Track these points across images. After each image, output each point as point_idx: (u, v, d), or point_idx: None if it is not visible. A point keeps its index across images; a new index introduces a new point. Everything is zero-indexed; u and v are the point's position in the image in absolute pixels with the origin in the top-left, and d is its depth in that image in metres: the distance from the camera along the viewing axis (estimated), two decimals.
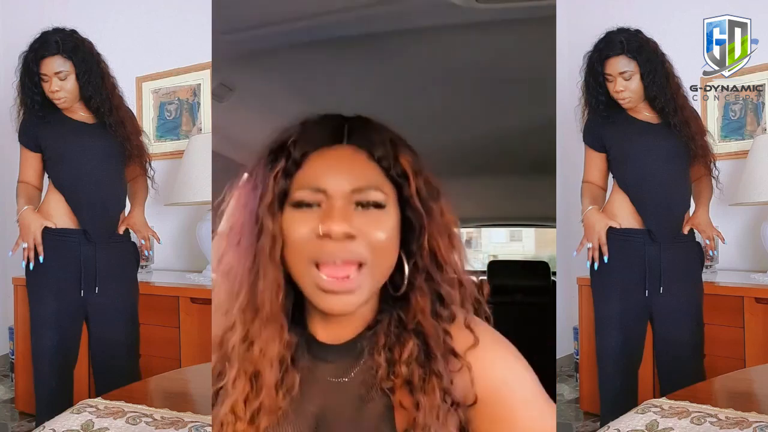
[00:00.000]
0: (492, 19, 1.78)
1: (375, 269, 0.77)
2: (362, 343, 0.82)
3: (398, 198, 0.81)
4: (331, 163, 0.79)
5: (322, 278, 0.76)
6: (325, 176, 0.78)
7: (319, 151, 0.81)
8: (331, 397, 0.82)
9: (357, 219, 0.77)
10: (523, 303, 3.19)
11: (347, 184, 0.77)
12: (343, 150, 0.81)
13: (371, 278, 0.77)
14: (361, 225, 0.76)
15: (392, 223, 0.79)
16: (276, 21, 1.85)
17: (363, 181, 0.78)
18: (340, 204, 0.76)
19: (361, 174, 0.79)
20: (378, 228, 0.77)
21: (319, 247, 0.76)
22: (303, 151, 0.80)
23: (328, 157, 0.80)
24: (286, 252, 0.78)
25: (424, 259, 0.81)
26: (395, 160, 0.81)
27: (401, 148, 0.82)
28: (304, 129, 0.83)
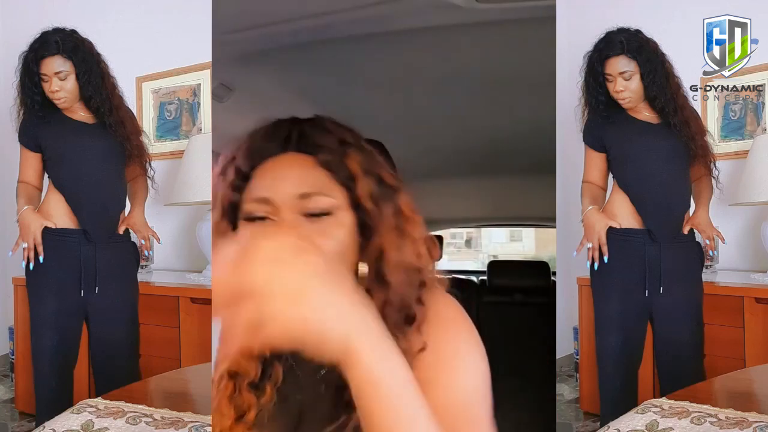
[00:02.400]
0: (492, 19, 1.78)
1: None
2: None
3: (352, 202, 0.79)
4: (276, 172, 0.78)
5: None
6: (270, 185, 0.77)
7: (266, 161, 0.80)
8: (311, 392, 0.81)
9: (305, 228, 0.75)
10: (523, 303, 3.19)
11: (292, 190, 0.76)
12: (288, 158, 0.80)
13: None
14: (309, 234, 0.75)
15: (345, 230, 0.77)
16: (276, 21, 1.85)
17: (307, 186, 0.77)
18: (285, 216, 0.76)
19: (306, 180, 0.77)
20: (327, 237, 0.76)
21: None
22: (251, 163, 0.80)
23: (273, 167, 0.79)
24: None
25: (375, 261, 0.78)
26: (341, 163, 0.79)
27: (350, 149, 0.80)
28: (251, 139, 0.82)
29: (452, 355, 0.78)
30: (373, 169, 0.81)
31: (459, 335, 0.81)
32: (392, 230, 0.80)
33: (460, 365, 0.78)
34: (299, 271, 0.55)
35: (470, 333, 0.82)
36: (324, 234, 0.76)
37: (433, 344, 0.78)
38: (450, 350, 0.79)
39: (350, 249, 0.77)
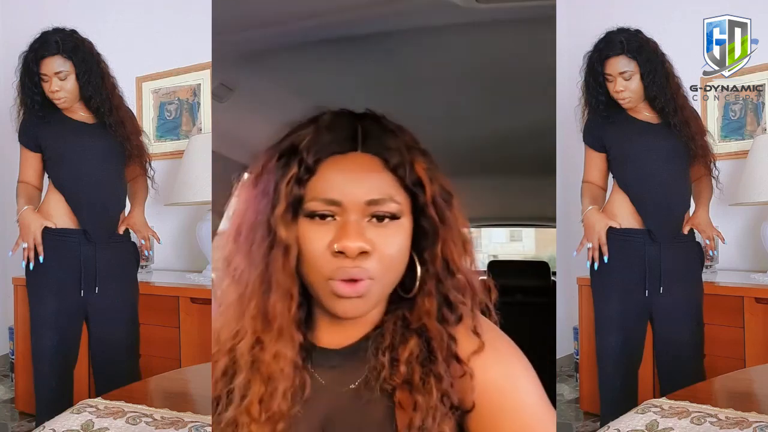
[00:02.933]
0: (492, 19, 1.78)
1: (384, 281, 0.78)
2: (367, 344, 0.81)
3: (413, 205, 0.80)
4: (346, 173, 0.78)
5: (337, 288, 0.76)
6: (340, 187, 0.77)
7: (332, 158, 0.79)
8: (337, 404, 0.81)
9: (370, 232, 0.76)
10: (523, 303, 3.19)
11: (362, 195, 0.76)
12: (357, 158, 0.79)
13: (380, 288, 0.78)
14: (374, 238, 0.76)
15: (405, 235, 0.79)
16: (276, 21, 1.85)
17: (378, 192, 0.77)
18: (354, 218, 0.76)
19: (376, 185, 0.77)
20: (391, 243, 0.77)
21: (334, 263, 0.76)
22: (316, 157, 0.78)
23: (342, 166, 0.78)
24: (302, 263, 0.78)
25: (436, 265, 0.81)
26: (411, 168, 0.79)
27: (416, 154, 0.81)
28: (317, 132, 0.80)
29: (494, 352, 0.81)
30: (436, 175, 0.82)
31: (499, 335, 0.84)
32: (455, 237, 0.82)
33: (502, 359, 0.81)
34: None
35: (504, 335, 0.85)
36: (390, 240, 0.77)
37: (502, 369, 0.81)
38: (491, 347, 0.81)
39: (405, 254, 0.79)
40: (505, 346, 0.83)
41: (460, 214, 0.83)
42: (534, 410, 0.79)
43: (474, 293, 0.84)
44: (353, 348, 0.82)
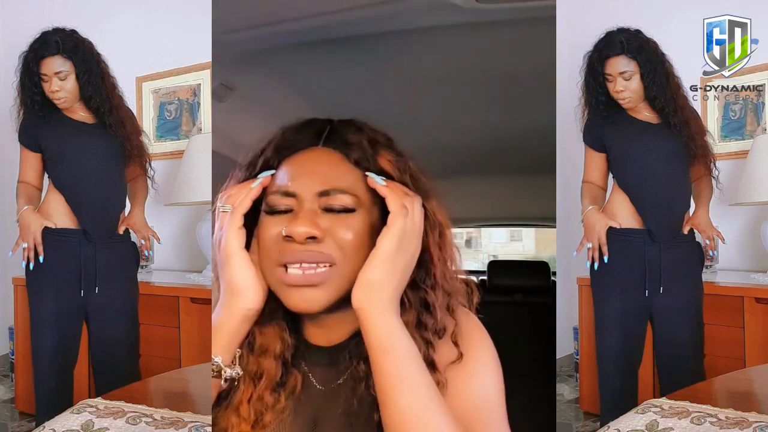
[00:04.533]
0: (492, 19, 1.78)
1: (346, 268, 0.75)
2: (347, 351, 0.81)
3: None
4: (303, 166, 0.79)
5: (288, 275, 0.75)
6: (295, 179, 0.77)
7: (294, 155, 0.80)
8: (324, 403, 0.81)
9: (324, 221, 0.76)
10: (523, 303, 3.19)
11: (315, 186, 0.77)
12: (316, 152, 0.80)
13: (341, 277, 0.75)
14: (328, 226, 0.75)
15: (363, 225, 0.77)
16: (276, 21, 1.85)
17: (329, 184, 0.77)
18: (307, 207, 0.76)
19: (331, 176, 0.78)
20: (346, 228, 0.76)
21: (284, 248, 0.75)
22: (280, 155, 0.80)
23: (301, 161, 0.79)
24: (260, 256, 0.78)
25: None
26: (373, 161, 0.79)
27: (381, 149, 0.81)
28: (282, 135, 0.82)
29: (473, 363, 0.80)
30: (408, 170, 0.81)
31: (480, 344, 0.82)
32: (432, 235, 0.80)
33: (480, 371, 0.80)
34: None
35: (487, 342, 0.83)
36: (344, 226, 0.76)
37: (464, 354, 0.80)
38: (471, 358, 0.80)
39: (367, 244, 0.77)
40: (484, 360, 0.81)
41: (439, 211, 0.82)
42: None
43: (456, 295, 0.83)
44: (342, 345, 0.82)
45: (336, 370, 0.82)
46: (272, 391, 0.80)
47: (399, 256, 0.74)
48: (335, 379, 0.82)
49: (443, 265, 0.81)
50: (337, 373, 0.82)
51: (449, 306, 0.82)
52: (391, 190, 0.77)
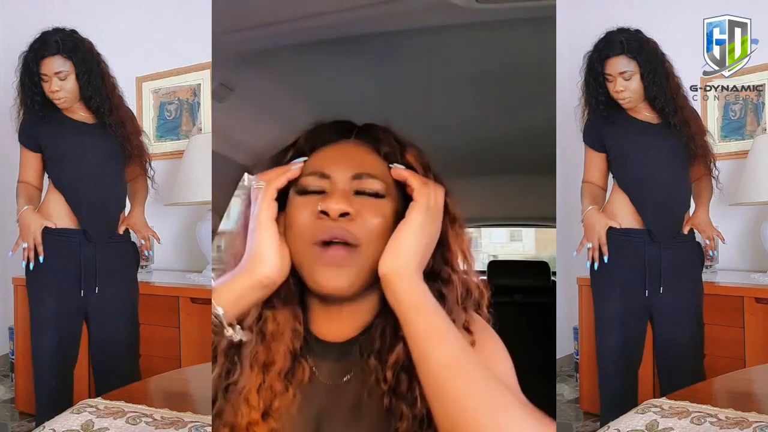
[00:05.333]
0: (492, 19, 1.78)
1: (370, 253, 0.78)
2: (356, 346, 0.82)
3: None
4: (337, 153, 0.83)
5: (316, 253, 0.78)
6: (329, 163, 0.81)
7: (327, 146, 0.85)
8: (330, 398, 0.82)
9: (356, 202, 0.79)
10: (523, 303, 3.19)
11: (349, 170, 0.81)
12: (349, 143, 0.85)
13: (364, 260, 0.78)
14: (359, 207, 0.78)
15: (390, 210, 0.80)
16: (276, 21, 1.85)
17: (364, 168, 0.81)
18: (340, 187, 0.79)
19: (363, 162, 0.82)
20: (375, 212, 0.79)
21: (318, 225, 0.78)
22: (312, 145, 0.85)
23: (334, 149, 0.84)
24: (289, 236, 0.80)
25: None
26: (401, 156, 0.84)
27: (407, 146, 0.86)
28: (316, 127, 0.88)
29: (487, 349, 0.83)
30: (430, 167, 0.86)
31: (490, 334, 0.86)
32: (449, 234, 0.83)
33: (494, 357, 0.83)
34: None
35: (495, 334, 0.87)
36: (374, 210, 0.79)
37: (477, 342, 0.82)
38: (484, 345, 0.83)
39: (391, 231, 0.79)
40: (497, 348, 0.84)
41: (456, 212, 0.85)
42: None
43: (466, 288, 0.84)
44: (351, 341, 0.83)
45: (343, 365, 0.82)
46: (282, 379, 0.81)
47: (426, 228, 0.77)
48: (342, 375, 0.82)
49: (460, 257, 0.84)
50: (344, 369, 0.82)
51: (462, 301, 0.84)
52: (411, 172, 0.82)
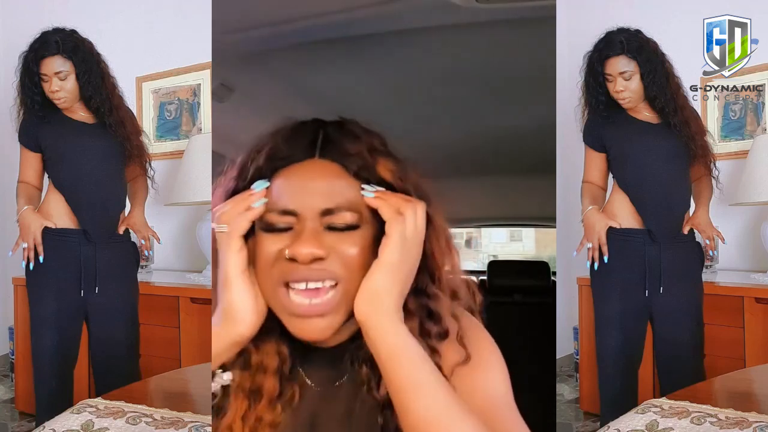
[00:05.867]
0: (492, 19, 1.78)
1: (350, 286, 0.73)
2: (347, 353, 0.80)
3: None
4: (302, 182, 0.75)
5: (292, 302, 0.73)
6: (295, 197, 0.74)
7: (290, 167, 0.76)
8: (323, 404, 0.81)
9: (327, 238, 0.73)
10: (523, 303, 3.19)
11: (318, 204, 0.73)
12: (314, 165, 0.76)
13: (346, 296, 0.73)
14: (332, 243, 0.73)
15: (366, 240, 0.74)
16: (276, 21, 1.85)
17: (333, 201, 0.74)
18: (309, 225, 0.73)
19: (333, 193, 0.74)
20: (350, 244, 0.73)
21: (288, 268, 0.73)
22: (273, 165, 0.77)
23: (299, 175, 0.76)
24: (258, 273, 0.75)
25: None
26: (373, 171, 0.76)
27: (380, 158, 0.77)
28: (274, 142, 0.78)
29: (481, 361, 0.79)
30: (407, 176, 0.78)
31: (484, 343, 0.82)
32: (434, 241, 0.78)
33: (488, 369, 0.79)
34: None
35: (490, 340, 0.83)
36: (349, 242, 0.73)
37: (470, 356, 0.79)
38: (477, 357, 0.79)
39: (371, 259, 0.74)
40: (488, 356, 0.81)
41: (439, 215, 0.79)
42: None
43: (456, 297, 0.82)
44: (341, 347, 0.81)
45: (335, 371, 0.81)
46: (272, 408, 0.79)
47: (402, 264, 0.72)
48: (333, 380, 0.81)
49: (446, 270, 0.80)
50: (335, 374, 0.81)
51: (452, 311, 0.81)
52: (382, 200, 0.74)
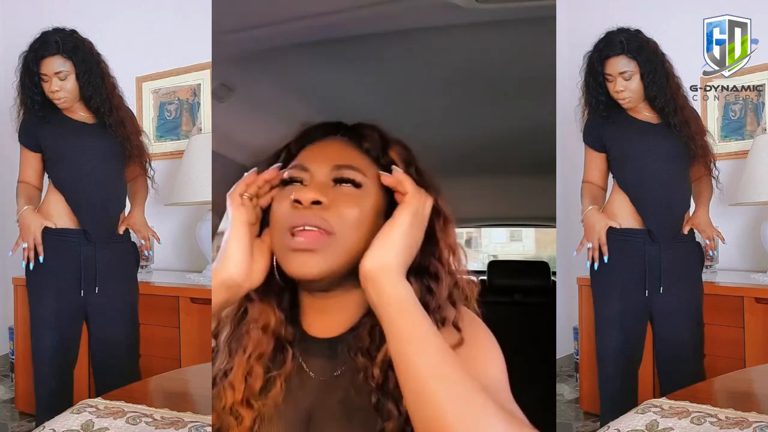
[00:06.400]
0: (492, 19, 1.78)
1: (344, 240, 0.78)
2: (345, 343, 0.82)
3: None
4: (320, 149, 0.85)
5: (292, 240, 0.78)
6: (311, 157, 0.84)
7: (313, 144, 0.87)
8: (322, 393, 0.82)
9: (332, 192, 0.80)
10: (523, 303, 3.19)
11: (329, 162, 0.82)
12: (332, 140, 0.87)
13: (338, 248, 0.78)
14: (335, 197, 0.79)
15: (368, 204, 0.80)
16: (276, 21, 1.85)
17: (344, 160, 0.82)
18: (318, 178, 0.81)
19: (344, 155, 0.83)
20: (351, 202, 0.79)
21: (292, 212, 0.79)
22: (300, 145, 0.87)
23: (318, 146, 0.86)
24: (271, 226, 0.81)
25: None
26: (383, 152, 0.85)
27: (392, 143, 0.86)
28: (304, 129, 0.89)
29: (476, 347, 0.81)
30: (415, 163, 0.86)
31: (480, 331, 0.84)
32: (438, 225, 0.83)
33: (484, 355, 0.81)
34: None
35: (487, 330, 0.85)
36: (350, 200, 0.79)
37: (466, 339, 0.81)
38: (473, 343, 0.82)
39: (369, 221, 0.79)
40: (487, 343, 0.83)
41: (447, 209, 0.85)
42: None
43: (456, 285, 0.84)
44: (340, 338, 0.83)
45: (334, 361, 0.83)
46: (262, 363, 0.82)
47: (412, 231, 0.76)
48: (332, 371, 0.82)
49: (449, 253, 0.84)
50: (334, 365, 0.82)
51: (451, 296, 0.83)
52: (401, 179, 0.79)
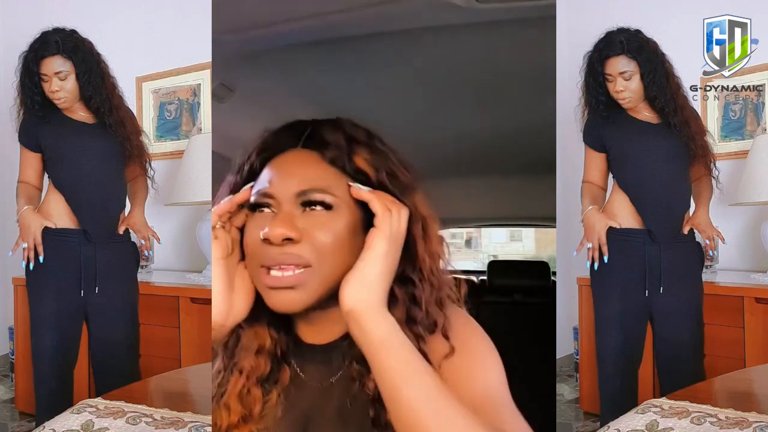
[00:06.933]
0: (492, 19, 1.78)
1: (323, 270, 0.76)
2: (339, 351, 0.81)
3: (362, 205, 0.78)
4: (280, 168, 0.80)
5: (268, 277, 0.77)
6: (276, 182, 0.79)
7: (275, 158, 0.82)
8: (318, 400, 0.82)
9: (302, 221, 0.77)
10: (523, 303, 3.19)
11: (293, 186, 0.78)
12: (294, 154, 0.81)
13: (318, 278, 0.76)
14: (306, 226, 0.76)
15: (341, 224, 0.77)
16: (276, 21, 1.85)
17: (307, 183, 0.78)
18: (285, 208, 0.77)
19: (308, 176, 0.79)
20: (324, 229, 0.76)
21: (264, 251, 0.77)
22: (263, 157, 0.83)
23: (278, 163, 0.81)
24: (246, 256, 0.80)
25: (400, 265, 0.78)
26: (349, 160, 0.80)
27: (358, 147, 0.81)
28: (264, 138, 0.84)
29: (470, 354, 0.80)
30: (386, 166, 0.81)
31: (473, 335, 0.83)
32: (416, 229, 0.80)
33: (478, 361, 0.80)
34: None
35: (480, 332, 0.84)
36: (322, 227, 0.76)
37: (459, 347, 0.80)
38: (467, 349, 0.80)
39: (346, 243, 0.77)
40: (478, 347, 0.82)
41: (422, 204, 0.82)
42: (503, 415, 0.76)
43: (441, 287, 0.82)
44: (334, 344, 0.82)
45: (329, 368, 0.82)
46: (260, 385, 0.81)
47: (387, 259, 0.74)
48: (328, 377, 0.82)
49: (430, 258, 0.81)
50: (329, 371, 0.82)
51: (438, 300, 0.82)
52: (375, 194, 0.77)
